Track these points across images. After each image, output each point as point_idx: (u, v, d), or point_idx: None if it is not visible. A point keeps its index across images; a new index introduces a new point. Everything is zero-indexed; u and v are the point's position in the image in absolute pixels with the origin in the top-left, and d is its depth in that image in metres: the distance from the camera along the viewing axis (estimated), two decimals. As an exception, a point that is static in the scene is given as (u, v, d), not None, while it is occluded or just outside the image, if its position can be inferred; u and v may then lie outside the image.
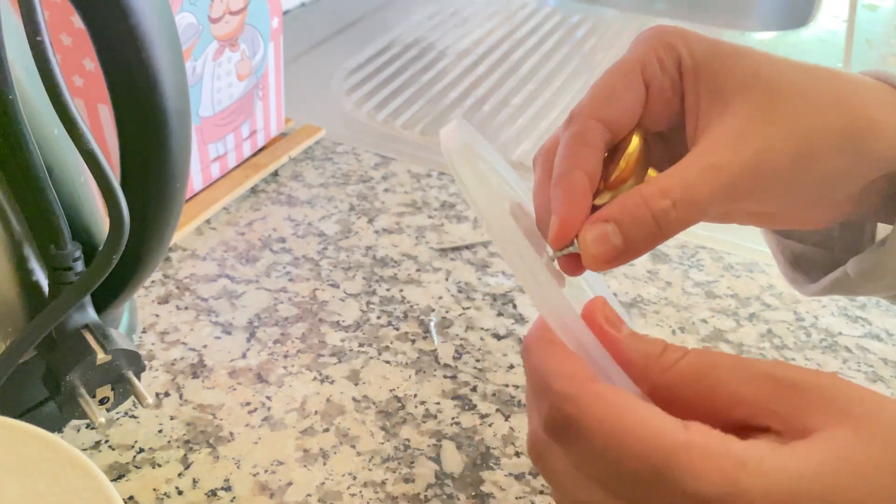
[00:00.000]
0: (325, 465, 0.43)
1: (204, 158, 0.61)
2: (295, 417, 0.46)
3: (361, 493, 0.42)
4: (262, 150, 0.68)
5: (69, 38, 0.51)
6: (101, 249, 0.33)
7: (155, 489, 0.41)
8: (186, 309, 0.53)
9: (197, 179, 0.61)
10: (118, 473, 0.41)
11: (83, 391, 0.37)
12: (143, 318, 0.51)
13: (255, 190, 0.65)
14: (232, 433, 0.44)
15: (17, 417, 0.33)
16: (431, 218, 0.64)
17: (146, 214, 0.36)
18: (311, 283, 0.56)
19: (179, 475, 0.42)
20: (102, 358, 0.36)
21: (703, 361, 0.25)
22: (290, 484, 0.42)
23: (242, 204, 0.63)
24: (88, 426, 0.44)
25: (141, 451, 0.43)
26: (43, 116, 0.33)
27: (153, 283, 0.54)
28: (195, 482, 0.41)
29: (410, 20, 1.01)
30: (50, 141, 0.34)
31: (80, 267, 0.36)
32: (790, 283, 0.39)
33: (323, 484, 0.42)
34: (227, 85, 0.60)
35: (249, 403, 0.46)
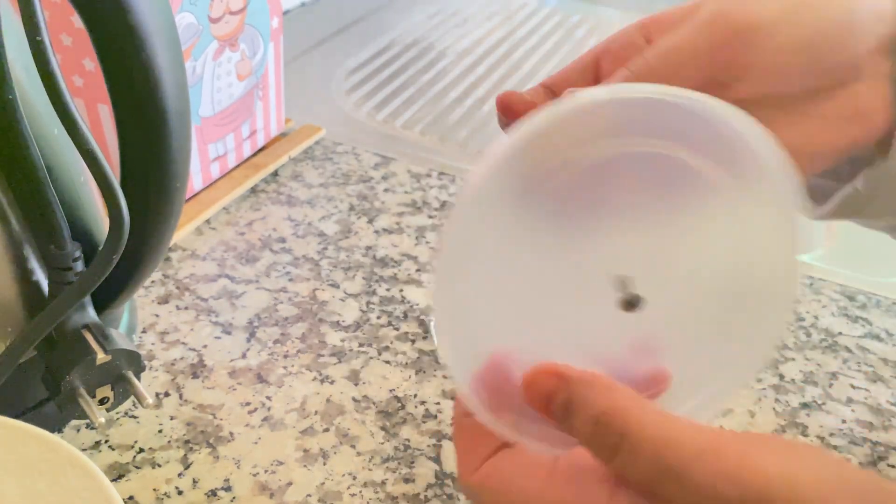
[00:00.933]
0: (325, 465, 0.43)
1: (204, 158, 0.61)
2: (295, 417, 0.46)
3: (361, 493, 0.42)
4: (262, 150, 0.68)
5: (69, 38, 0.51)
6: (101, 249, 0.33)
7: (155, 489, 0.41)
8: (186, 309, 0.53)
9: (197, 179, 0.61)
10: (118, 473, 0.41)
11: (83, 391, 0.37)
12: (143, 318, 0.51)
13: (255, 190, 0.65)
14: (232, 433, 0.44)
15: (17, 417, 0.33)
16: (431, 218, 0.64)
17: (146, 214, 0.36)
18: (310, 283, 0.56)
19: (179, 475, 0.42)
20: (102, 358, 0.36)
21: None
22: (290, 484, 0.42)
23: (242, 204, 0.63)
24: (88, 426, 0.44)
25: (141, 451, 0.43)
26: (43, 116, 0.33)
27: (153, 283, 0.54)
28: (195, 482, 0.41)
29: (410, 20, 1.01)
30: (50, 141, 0.34)
31: (80, 267, 0.36)
32: None
33: (323, 484, 0.42)
34: (227, 85, 0.60)
35: (249, 403, 0.46)
